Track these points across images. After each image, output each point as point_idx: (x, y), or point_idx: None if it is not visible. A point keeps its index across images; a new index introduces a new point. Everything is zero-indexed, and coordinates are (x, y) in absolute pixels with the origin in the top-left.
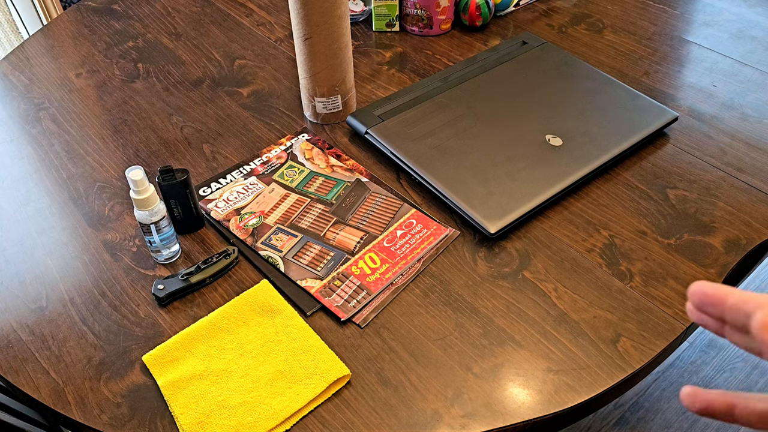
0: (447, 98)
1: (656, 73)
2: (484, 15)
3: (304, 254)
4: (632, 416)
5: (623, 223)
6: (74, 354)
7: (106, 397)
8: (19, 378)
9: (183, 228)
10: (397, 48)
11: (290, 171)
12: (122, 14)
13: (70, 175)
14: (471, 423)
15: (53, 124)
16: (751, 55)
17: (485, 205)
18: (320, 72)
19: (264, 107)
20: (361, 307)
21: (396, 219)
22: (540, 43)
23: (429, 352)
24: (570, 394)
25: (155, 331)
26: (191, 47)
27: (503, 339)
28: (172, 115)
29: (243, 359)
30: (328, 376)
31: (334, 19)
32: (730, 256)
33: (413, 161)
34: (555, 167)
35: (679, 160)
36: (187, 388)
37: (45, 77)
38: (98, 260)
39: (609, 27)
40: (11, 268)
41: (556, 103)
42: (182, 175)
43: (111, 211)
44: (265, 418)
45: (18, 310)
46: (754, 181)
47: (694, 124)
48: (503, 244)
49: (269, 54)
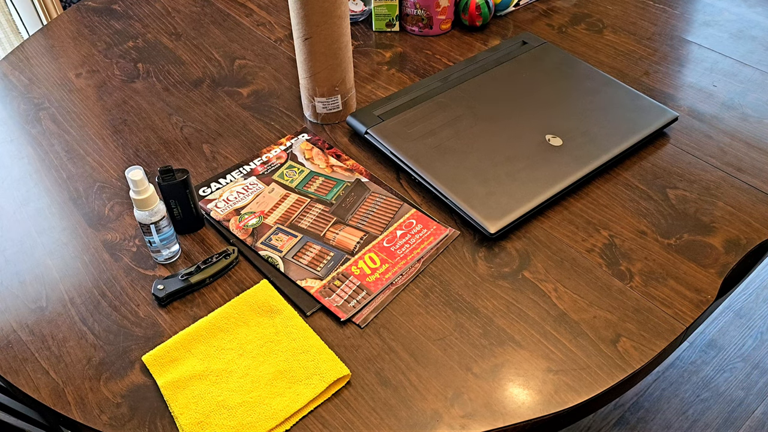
0: (447, 98)
1: (656, 73)
2: (484, 15)
3: (304, 254)
4: (632, 416)
5: (623, 223)
6: (74, 354)
7: (105, 397)
8: (19, 378)
9: (183, 228)
10: (397, 48)
11: (290, 171)
12: (122, 14)
13: (70, 175)
14: (471, 423)
15: (53, 124)
16: (751, 55)
17: (485, 205)
18: (320, 72)
19: (264, 107)
20: (361, 307)
21: (396, 219)
22: (540, 43)
23: (429, 352)
24: (570, 394)
25: (155, 331)
26: (191, 47)
27: (503, 339)
28: (172, 115)
29: (243, 359)
30: (328, 377)
31: (333, 19)
32: (730, 256)
33: (413, 161)
34: (555, 167)
35: (679, 160)
36: (187, 389)
37: (45, 77)
38: (98, 260)
39: (609, 27)
40: (11, 268)
41: (556, 103)
42: (182, 175)
43: (111, 211)
44: (265, 418)
45: (18, 310)
46: (754, 181)
47: (694, 124)
48: (503, 244)
49: (269, 54)
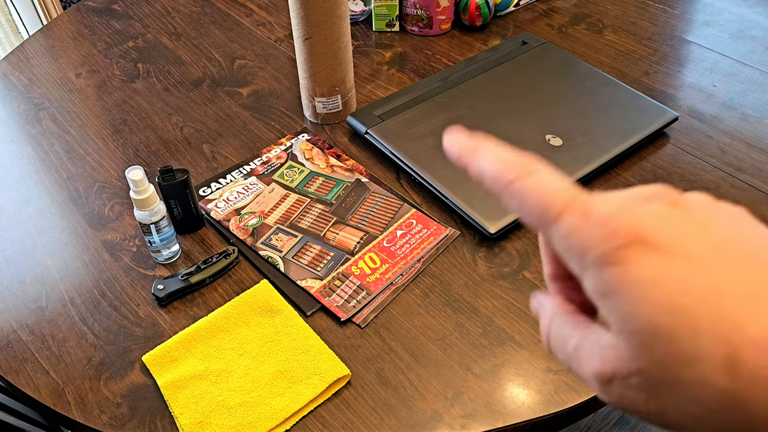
0: (447, 98)
1: (656, 73)
2: (484, 15)
3: (304, 254)
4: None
5: None
6: (74, 354)
7: (105, 397)
8: (19, 378)
9: (183, 228)
10: (397, 48)
11: (290, 171)
12: (122, 14)
13: (70, 175)
14: (471, 423)
15: (53, 124)
16: (751, 55)
17: (485, 205)
18: (320, 72)
19: (264, 107)
20: (361, 307)
21: (396, 219)
22: (540, 43)
23: (429, 352)
24: (570, 394)
25: (155, 331)
26: (191, 47)
27: (503, 339)
28: (172, 115)
29: (243, 359)
30: (328, 376)
31: (334, 19)
32: None
33: (413, 161)
34: (555, 167)
35: (680, 160)
36: (187, 388)
37: (45, 77)
38: (98, 260)
39: (609, 27)
40: (11, 268)
41: (556, 103)
42: (182, 175)
43: (111, 211)
44: (265, 418)
45: (18, 310)
46: (754, 181)
47: (694, 124)
48: (503, 244)
49: (269, 54)
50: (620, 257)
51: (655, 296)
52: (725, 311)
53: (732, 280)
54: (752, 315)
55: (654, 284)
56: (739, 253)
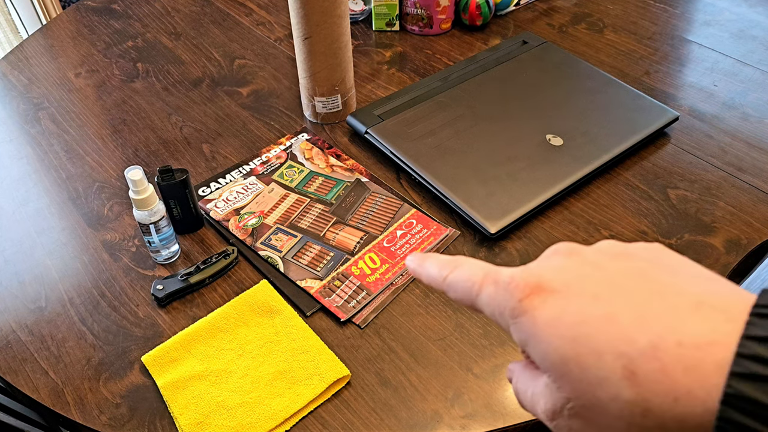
0: (447, 98)
1: (657, 73)
2: (484, 14)
3: (304, 254)
4: None
5: (624, 223)
6: (73, 354)
7: (105, 398)
8: (18, 378)
9: (182, 228)
10: (397, 47)
11: (290, 171)
12: (122, 14)
13: (70, 175)
14: (471, 423)
15: (52, 123)
16: (752, 55)
17: (485, 205)
18: (320, 71)
19: (264, 107)
20: (361, 308)
21: (396, 219)
22: (540, 42)
23: (429, 353)
24: None
25: (154, 331)
26: (191, 47)
27: (503, 339)
28: (171, 114)
29: (242, 360)
30: (327, 377)
31: (333, 19)
32: (731, 256)
33: (413, 161)
34: (555, 167)
35: (680, 160)
36: (187, 389)
37: (44, 77)
38: (97, 260)
39: (609, 26)
40: (10, 268)
41: (557, 102)
42: (181, 175)
43: (110, 211)
44: (265, 418)
45: (17, 310)
46: (755, 181)
47: (695, 123)
48: (503, 244)
49: (269, 54)
50: (525, 307)
51: (558, 331)
52: (619, 331)
53: (624, 306)
54: (641, 331)
55: (555, 322)
56: (633, 285)
